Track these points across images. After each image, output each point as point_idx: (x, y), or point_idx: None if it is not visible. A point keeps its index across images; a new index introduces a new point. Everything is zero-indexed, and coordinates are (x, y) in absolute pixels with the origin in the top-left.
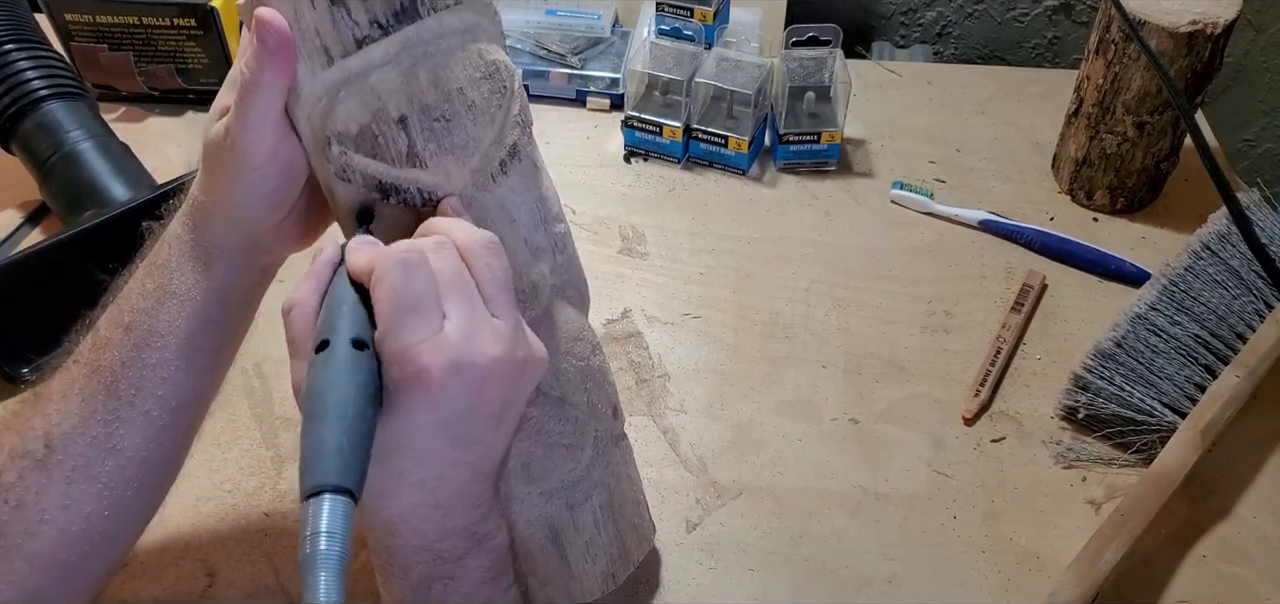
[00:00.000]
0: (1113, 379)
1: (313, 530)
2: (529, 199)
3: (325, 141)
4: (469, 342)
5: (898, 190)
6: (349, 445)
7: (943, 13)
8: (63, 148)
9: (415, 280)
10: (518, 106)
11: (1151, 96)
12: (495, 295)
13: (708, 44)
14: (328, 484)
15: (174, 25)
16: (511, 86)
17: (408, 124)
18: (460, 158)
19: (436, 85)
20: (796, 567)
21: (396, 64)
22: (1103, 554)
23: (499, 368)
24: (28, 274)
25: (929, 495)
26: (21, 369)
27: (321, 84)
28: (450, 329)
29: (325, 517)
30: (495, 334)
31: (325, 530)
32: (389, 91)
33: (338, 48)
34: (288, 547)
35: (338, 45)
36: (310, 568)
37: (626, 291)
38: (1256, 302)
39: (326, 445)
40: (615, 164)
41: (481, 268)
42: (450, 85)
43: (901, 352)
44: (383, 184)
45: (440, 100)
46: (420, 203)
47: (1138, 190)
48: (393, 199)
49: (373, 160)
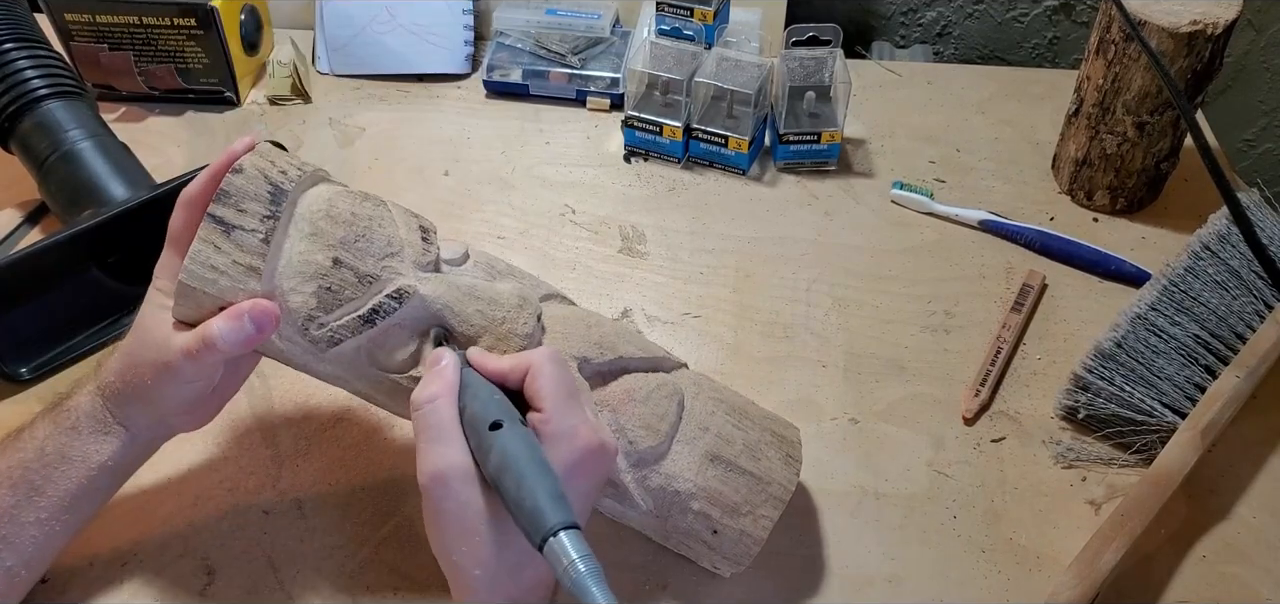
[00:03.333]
0: (1113, 379)
1: (569, 561)
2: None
3: (325, 343)
4: (604, 430)
5: (898, 190)
6: (557, 492)
7: (943, 13)
8: (62, 147)
9: (566, 374)
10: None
11: (1152, 96)
12: (588, 401)
13: (708, 44)
14: (560, 524)
15: (174, 25)
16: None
17: (340, 261)
18: (398, 257)
19: (336, 220)
20: (796, 567)
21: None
22: (1103, 554)
23: (615, 453)
24: (27, 274)
25: (929, 495)
26: (20, 369)
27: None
28: (590, 416)
29: (571, 547)
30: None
31: (578, 556)
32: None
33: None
34: (288, 546)
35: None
36: (583, 587)
37: (626, 291)
38: (1256, 302)
39: (543, 497)
40: (615, 164)
41: (586, 393)
42: (345, 213)
43: (901, 351)
44: (376, 310)
45: (346, 226)
46: (401, 305)
47: (1138, 190)
48: (390, 317)
49: (347, 306)
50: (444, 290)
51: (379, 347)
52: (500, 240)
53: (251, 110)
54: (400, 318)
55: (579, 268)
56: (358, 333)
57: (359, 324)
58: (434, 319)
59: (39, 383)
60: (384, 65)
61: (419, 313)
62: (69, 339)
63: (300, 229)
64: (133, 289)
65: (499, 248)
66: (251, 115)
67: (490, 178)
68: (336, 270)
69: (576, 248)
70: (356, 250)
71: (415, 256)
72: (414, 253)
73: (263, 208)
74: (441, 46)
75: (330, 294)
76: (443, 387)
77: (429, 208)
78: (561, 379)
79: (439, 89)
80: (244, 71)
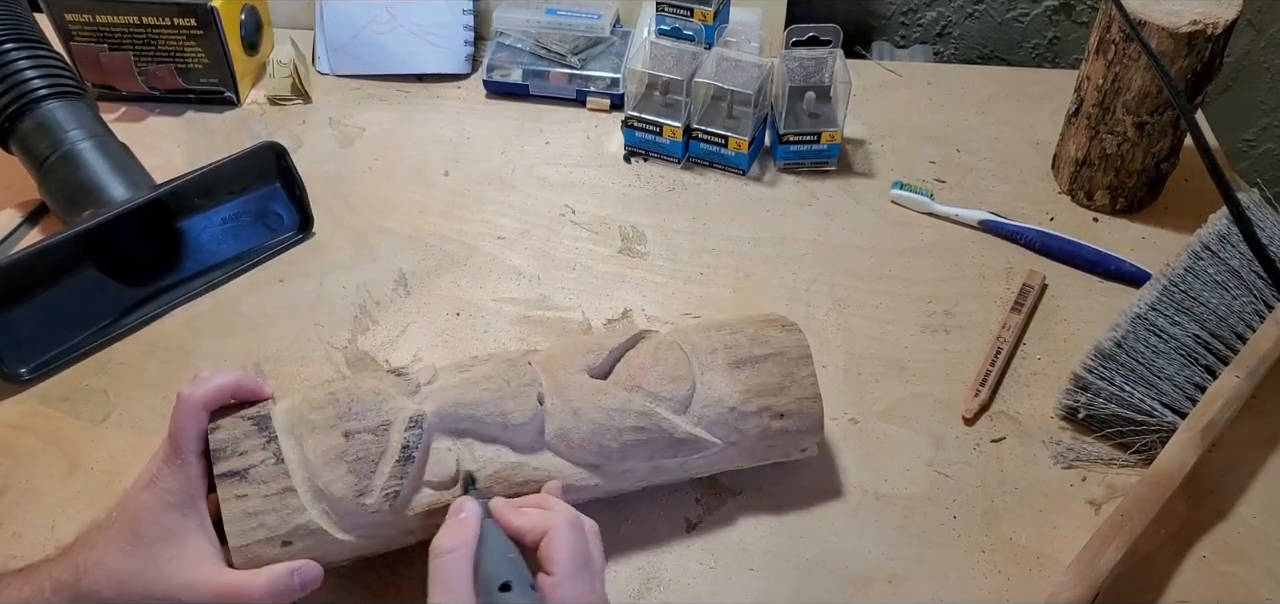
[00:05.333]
0: (1113, 379)
1: None
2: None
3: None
4: (606, 600)
5: (898, 190)
6: None
7: (943, 13)
8: (62, 147)
9: (581, 543)
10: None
11: (1152, 96)
12: (600, 570)
13: (708, 44)
14: None
15: (174, 25)
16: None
17: (349, 432)
18: (389, 401)
19: (319, 408)
20: (796, 567)
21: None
22: (1103, 554)
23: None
24: (26, 274)
25: (929, 495)
26: (20, 369)
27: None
28: (600, 588)
29: None
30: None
31: None
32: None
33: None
34: None
35: None
36: None
37: (626, 291)
38: (1256, 302)
39: None
40: (615, 164)
41: (596, 552)
42: (321, 401)
43: (901, 352)
44: (405, 446)
45: (332, 407)
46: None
47: (1138, 190)
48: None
49: (382, 462)
50: (443, 398)
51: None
52: (500, 240)
53: (251, 110)
54: (425, 443)
55: (579, 268)
56: (403, 477)
57: (400, 469)
58: (453, 425)
59: (39, 383)
60: (384, 65)
61: (439, 427)
62: (69, 339)
63: (297, 436)
64: (133, 289)
65: (499, 247)
66: (251, 115)
67: (490, 178)
68: (352, 441)
69: (576, 248)
70: (355, 417)
71: (401, 390)
72: (397, 389)
73: (258, 439)
74: (441, 46)
75: (361, 463)
76: (462, 540)
77: (429, 208)
78: (576, 546)
79: (439, 89)
80: (244, 71)
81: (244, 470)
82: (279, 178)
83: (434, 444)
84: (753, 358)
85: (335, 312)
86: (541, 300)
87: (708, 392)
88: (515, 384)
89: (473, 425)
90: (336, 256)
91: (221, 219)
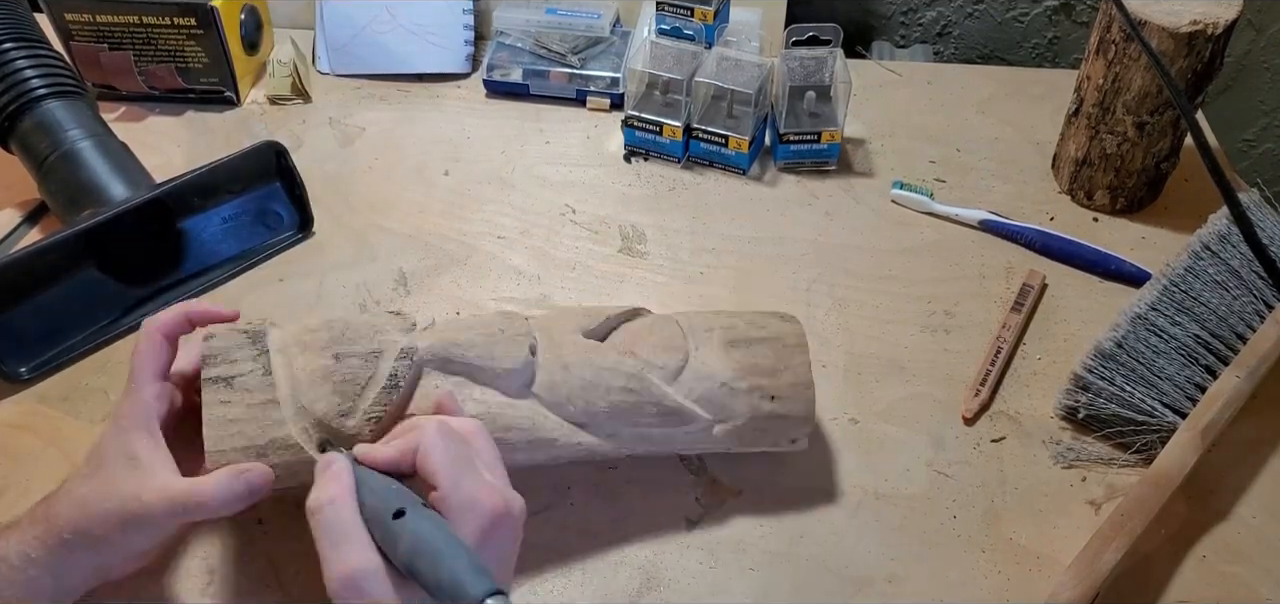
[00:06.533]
0: (1113, 379)
1: None
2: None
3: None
4: (507, 488)
5: (898, 190)
6: (475, 562)
7: (943, 13)
8: (61, 147)
9: (455, 444)
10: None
11: (1152, 96)
12: (492, 463)
13: (708, 43)
14: (485, 592)
15: (174, 25)
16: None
17: (340, 355)
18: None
19: (315, 332)
20: (796, 567)
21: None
22: (1103, 554)
23: (522, 511)
24: (26, 273)
25: (929, 495)
26: (20, 368)
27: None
28: (490, 479)
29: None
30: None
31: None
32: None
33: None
34: (288, 546)
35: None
36: None
37: (626, 291)
38: (1256, 302)
39: (462, 571)
40: (615, 163)
41: (482, 446)
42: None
43: (901, 352)
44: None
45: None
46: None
47: (1138, 190)
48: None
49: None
50: (437, 335)
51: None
52: (500, 240)
53: (251, 110)
54: (414, 374)
55: (579, 268)
56: (387, 404)
57: (386, 395)
58: (444, 365)
59: (38, 382)
60: (384, 65)
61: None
62: (68, 339)
63: (289, 354)
64: (133, 289)
65: (499, 247)
66: (251, 115)
67: (490, 177)
68: (341, 364)
69: (576, 248)
70: (348, 341)
71: (398, 326)
72: (393, 325)
73: (249, 350)
74: (441, 46)
75: (347, 384)
76: (340, 488)
77: (429, 208)
78: (451, 449)
79: (439, 89)
80: (244, 71)
81: (230, 378)
82: (279, 177)
83: (423, 381)
84: (748, 339)
85: (335, 311)
86: (541, 300)
87: (700, 366)
88: (509, 332)
89: (464, 368)
90: (336, 256)
91: (221, 218)
